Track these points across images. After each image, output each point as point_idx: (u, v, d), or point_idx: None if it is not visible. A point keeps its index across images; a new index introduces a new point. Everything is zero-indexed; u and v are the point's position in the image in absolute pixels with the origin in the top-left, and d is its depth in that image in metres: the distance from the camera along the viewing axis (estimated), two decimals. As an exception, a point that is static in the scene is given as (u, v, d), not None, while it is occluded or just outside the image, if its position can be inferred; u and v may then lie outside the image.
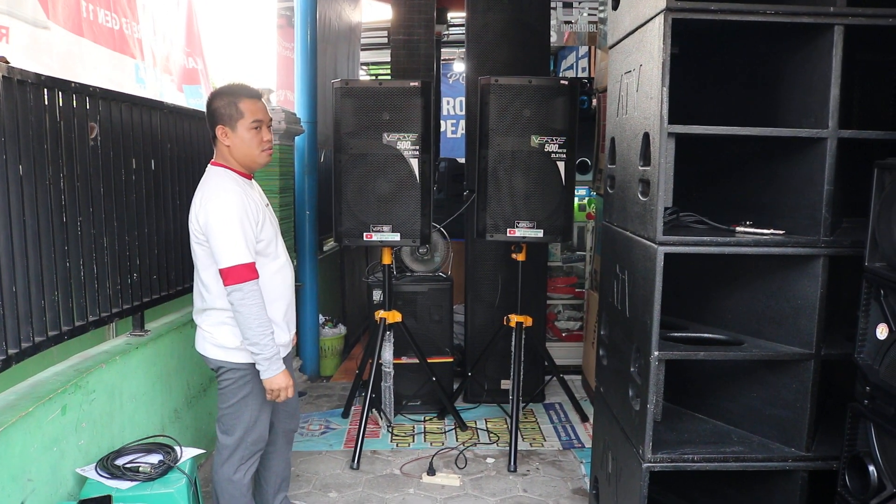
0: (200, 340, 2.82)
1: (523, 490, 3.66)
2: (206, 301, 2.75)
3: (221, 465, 2.83)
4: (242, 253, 2.59)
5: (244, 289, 2.59)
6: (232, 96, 2.69)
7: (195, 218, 2.64)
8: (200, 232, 2.64)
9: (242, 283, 2.58)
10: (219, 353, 2.76)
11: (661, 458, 2.41)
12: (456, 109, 11.81)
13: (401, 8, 7.60)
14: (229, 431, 2.81)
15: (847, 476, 2.15)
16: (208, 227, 2.60)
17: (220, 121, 2.68)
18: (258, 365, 2.68)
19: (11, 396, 2.53)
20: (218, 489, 2.85)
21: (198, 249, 2.69)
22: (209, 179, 2.72)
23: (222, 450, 2.83)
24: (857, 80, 2.55)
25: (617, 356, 2.77)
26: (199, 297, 2.80)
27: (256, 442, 2.85)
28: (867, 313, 2.07)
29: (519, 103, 3.92)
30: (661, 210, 2.29)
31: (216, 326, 2.75)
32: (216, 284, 2.68)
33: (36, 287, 2.50)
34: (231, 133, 2.69)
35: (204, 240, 2.64)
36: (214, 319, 2.76)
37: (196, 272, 2.77)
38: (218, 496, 2.85)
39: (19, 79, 2.38)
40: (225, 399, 2.80)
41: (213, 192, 2.64)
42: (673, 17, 2.19)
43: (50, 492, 2.55)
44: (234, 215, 2.59)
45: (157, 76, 5.86)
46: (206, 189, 2.68)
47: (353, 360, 5.90)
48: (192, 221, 2.67)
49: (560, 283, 5.81)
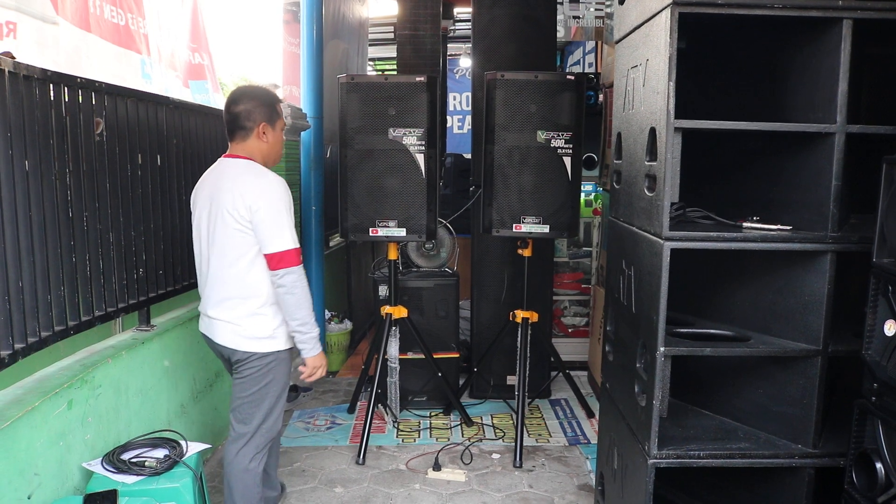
0: (226, 332, 2.81)
1: (529, 486, 3.66)
2: (237, 291, 2.77)
3: (236, 455, 2.84)
4: (293, 238, 2.72)
5: (296, 271, 2.72)
6: (274, 99, 2.85)
7: (241, 205, 2.67)
8: (247, 219, 2.68)
9: (294, 266, 2.71)
10: (250, 345, 2.79)
11: (666, 455, 2.40)
12: (462, 105, 11.78)
13: (407, 3, 7.59)
14: (247, 420, 2.83)
15: (854, 473, 2.14)
16: (260, 213, 2.66)
17: (265, 118, 2.80)
18: (304, 344, 2.81)
19: (18, 391, 2.53)
20: (233, 480, 2.85)
21: (237, 237, 2.71)
22: (247, 169, 2.77)
23: (238, 439, 2.85)
24: (865, 74, 2.53)
25: (623, 352, 2.76)
26: (223, 287, 2.79)
27: (272, 430, 2.89)
28: (875, 309, 2.06)
29: (525, 98, 3.91)
30: (667, 205, 2.28)
31: (249, 317, 2.78)
32: (251, 273, 2.74)
33: (42, 282, 2.51)
34: (270, 132, 2.82)
35: (248, 227, 2.69)
36: (247, 310, 2.78)
37: (223, 262, 2.77)
38: (232, 487, 2.86)
39: (25, 74, 2.38)
40: (246, 388, 2.82)
41: (264, 181, 2.73)
42: (680, 12, 2.17)
43: (56, 486, 2.56)
44: (283, 203, 2.72)
45: (163, 71, 5.87)
46: (248, 178, 2.73)
47: (358, 355, 5.90)
48: (233, 210, 2.68)
49: (566, 278, 5.80)
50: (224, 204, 2.71)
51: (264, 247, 2.71)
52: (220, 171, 2.83)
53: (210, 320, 2.86)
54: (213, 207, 2.76)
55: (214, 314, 2.83)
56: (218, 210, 2.73)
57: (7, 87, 2.29)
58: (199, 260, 2.89)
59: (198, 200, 2.87)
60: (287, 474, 3.73)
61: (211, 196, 2.78)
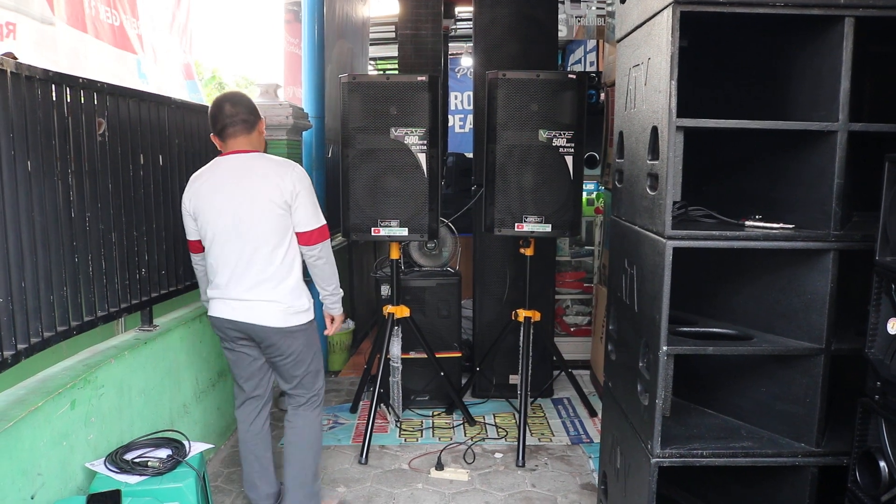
0: (268, 312, 2.97)
1: (532, 485, 3.66)
2: (279, 271, 2.97)
3: (317, 417, 3.22)
4: (322, 216, 3.06)
5: (328, 244, 3.09)
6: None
7: (286, 191, 2.91)
8: (288, 203, 2.93)
9: (327, 239, 3.08)
10: (296, 319, 3.02)
11: (669, 454, 2.40)
12: (464, 104, 11.78)
13: (408, 3, 7.59)
14: (316, 380, 3.19)
15: (858, 472, 2.13)
16: (300, 196, 2.95)
17: (259, 116, 3.08)
18: (334, 305, 3.23)
19: (21, 391, 2.54)
20: (312, 438, 3.20)
21: (280, 221, 2.94)
22: (272, 160, 3.03)
23: (314, 401, 3.19)
24: (867, 72, 2.52)
25: (625, 351, 2.76)
26: (263, 269, 2.95)
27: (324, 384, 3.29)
28: (878, 308, 2.05)
29: (527, 97, 3.90)
30: (669, 204, 2.28)
31: (293, 295, 3.01)
32: (289, 253, 2.99)
33: (45, 282, 2.51)
34: (263, 127, 3.12)
35: (288, 210, 2.94)
36: (289, 288, 2.99)
37: (265, 247, 2.93)
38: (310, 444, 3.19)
39: (27, 75, 2.39)
40: (304, 360, 3.10)
41: (296, 168, 3.01)
42: (681, 11, 2.17)
43: (59, 486, 2.56)
44: (312, 187, 3.06)
45: (159, 71, 5.89)
46: (280, 168, 2.96)
47: (361, 355, 5.91)
48: (276, 197, 2.90)
49: (568, 277, 5.80)
50: (264, 193, 2.90)
51: (304, 225, 2.98)
52: (235, 166, 2.97)
53: (247, 304, 2.97)
54: (247, 197, 2.91)
55: (252, 296, 2.96)
56: (258, 197, 2.90)
57: (9, 88, 2.30)
58: (227, 252, 2.96)
59: (210, 200, 2.95)
60: (290, 474, 3.73)
61: (240, 189, 2.92)
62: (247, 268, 2.95)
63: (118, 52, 5.30)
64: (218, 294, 3.02)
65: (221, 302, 3.01)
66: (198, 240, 3.07)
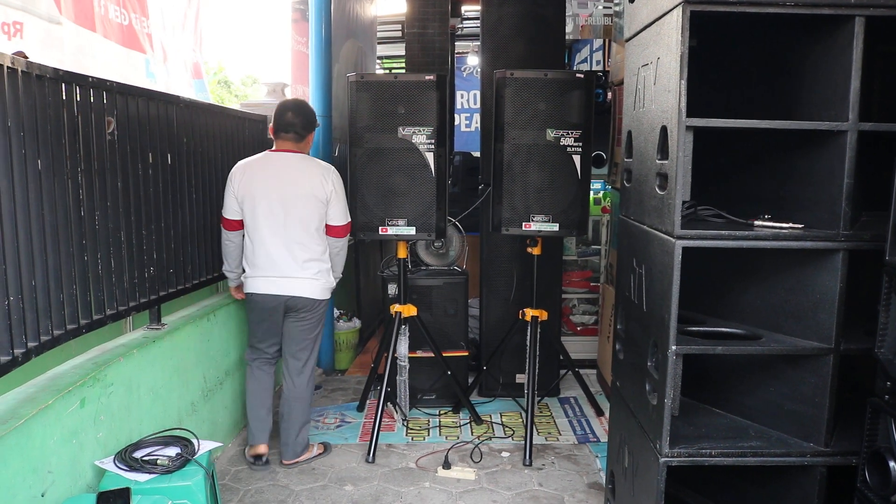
0: (306, 286, 3.63)
1: (539, 484, 3.66)
2: (316, 254, 3.63)
3: (308, 380, 3.78)
4: (349, 215, 3.77)
5: (347, 239, 3.80)
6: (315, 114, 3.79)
7: (328, 187, 3.60)
8: (327, 198, 3.60)
9: (348, 234, 3.79)
10: (324, 293, 3.71)
11: (678, 453, 2.40)
12: (470, 103, 11.76)
13: (416, 1, 7.60)
14: (314, 347, 3.80)
15: (867, 472, 2.13)
16: (335, 193, 3.63)
17: (312, 130, 3.74)
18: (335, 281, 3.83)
19: (31, 389, 2.55)
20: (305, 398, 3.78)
21: (319, 211, 3.61)
22: (316, 162, 3.72)
23: (304, 368, 3.76)
24: (877, 72, 2.52)
25: (634, 350, 2.76)
26: (303, 251, 3.59)
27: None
28: (888, 307, 2.05)
29: (534, 96, 3.90)
30: (678, 204, 2.28)
31: (321, 273, 3.67)
32: (321, 239, 3.66)
33: (55, 281, 2.52)
34: (311, 138, 3.76)
35: (325, 204, 3.60)
36: (318, 268, 3.65)
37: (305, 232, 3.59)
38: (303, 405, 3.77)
39: (38, 73, 2.40)
40: (313, 328, 3.74)
41: (334, 170, 3.69)
42: (691, 10, 2.17)
43: (69, 483, 2.57)
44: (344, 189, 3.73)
45: (167, 71, 5.90)
46: (323, 169, 3.65)
47: (367, 353, 5.91)
48: (319, 191, 3.58)
49: (575, 276, 5.80)
50: (308, 187, 3.56)
51: (336, 219, 3.68)
52: (286, 162, 3.62)
53: (289, 280, 3.60)
54: (291, 188, 3.55)
55: (292, 273, 3.59)
56: (299, 191, 3.55)
57: (20, 87, 2.30)
58: (271, 234, 3.56)
59: (257, 185, 3.56)
60: (297, 472, 3.74)
61: (284, 180, 3.56)
62: (292, 249, 3.57)
63: (126, 52, 5.31)
64: (260, 273, 3.60)
65: (264, 280, 3.60)
66: (238, 220, 3.62)
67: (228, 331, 4.07)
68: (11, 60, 2.26)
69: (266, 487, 3.58)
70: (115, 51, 5.15)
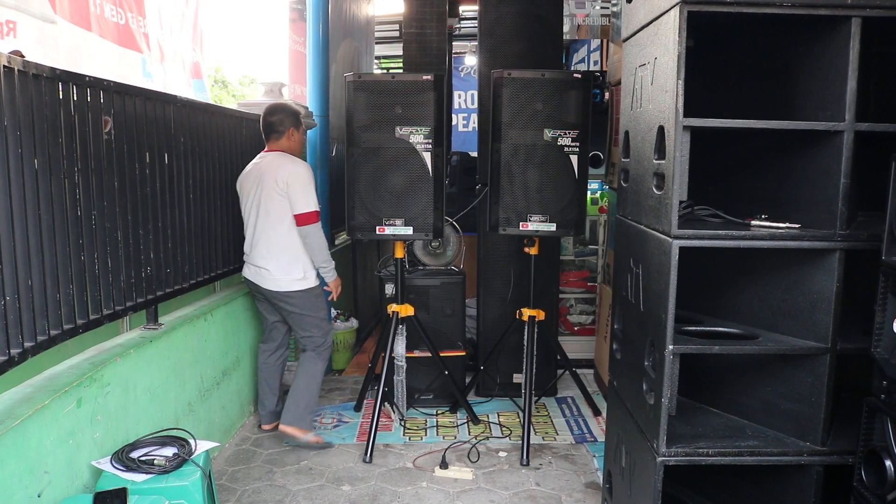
0: (271, 278, 3.88)
1: (536, 484, 3.66)
2: (280, 246, 3.85)
3: (316, 363, 4.02)
4: (315, 203, 3.87)
5: (316, 227, 3.88)
6: (297, 112, 4.03)
7: (281, 179, 3.79)
8: (284, 190, 3.78)
9: (314, 223, 3.86)
10: (291, 285, 3.89)
11: (675, 453, 2.40)
12: (467, 103, 11.77)
13: (413, 1, 7.60)
14: (319, 331, 4.02)
15: (863, 471, 2.13)
16: (292, 185, 3.79)
17: (291, 125, 3.96)
18: (326, 273, 4.00)
19: (27, 389, 2.54)
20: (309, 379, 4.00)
21: (280, 204, 3.81)
22: (284, 157, 3.90)
23: (318, 351, 4.02)
24: (873, 72, 2.52)
25: (631, 350, 2.76)
26: (268, 243, 3.86)
27: (330, 332, 4.15)
28: (884, 307, 2.05)
29: (532, 96, 3.90)
30: (675, 204, 2.28)
31: (289, 265, 3.87)
32: (290, 233, 3.84)
33: (51, 281, 2.52)
34: (295, 134, 3.99)
35: (286, 195, 3.79)
36: (286, 259, 3.86)
37: (268, 223, 3.84)
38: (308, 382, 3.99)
39: (35, 73, 2.39)
40: (304, 317, 3.97)
41: (296, 163, 3.89)
42: (688, 10, 2.17)
43: (66, 484, 2.57)
44: (308, 178, 3.87)
45: (164, 70, 5.90)
46: (284, 162, 3.86)
47: (365, 353, 5.91)
48: (277, 183, 3.79)
49: (572, 276, 5.80)
50: (271, 180, 3.80)
51: (297, 207, 3.81)
52: (265, 161, 3.90)
53: (258, 269, 3.91)
54: (262, 184, 3.83)
55: (262, 264, 3.88)
56: (266, 185, 3.81)
57: (17, 86, 2.30)
58: (249, 226, 3.93)
59: (245, 183, 3.94)
60: (294, 472, 3.74)
61: (259, 177, 3.85)
62: (259, 240, 3.87)
63: (122, 51, 5.30)
64: (245, 259, 4.00)
65: (246, 266, 4.01)
66: None
67: (225, 331, 4.06)
68: (8, 59, 2.26)
69: (263, 487, 3.58)
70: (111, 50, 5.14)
